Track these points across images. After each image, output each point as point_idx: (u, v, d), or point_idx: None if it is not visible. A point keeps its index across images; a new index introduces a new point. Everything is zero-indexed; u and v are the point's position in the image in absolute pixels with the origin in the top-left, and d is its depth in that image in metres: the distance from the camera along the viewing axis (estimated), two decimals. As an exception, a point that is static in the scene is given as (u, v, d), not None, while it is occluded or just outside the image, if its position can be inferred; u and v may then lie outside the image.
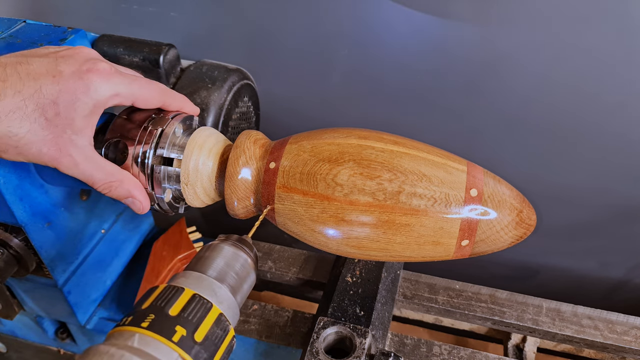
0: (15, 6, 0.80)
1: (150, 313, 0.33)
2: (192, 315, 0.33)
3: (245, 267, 0.40)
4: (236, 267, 0.39)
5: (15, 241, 0.53)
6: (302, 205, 0.43)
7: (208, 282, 0.36)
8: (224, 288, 0.37)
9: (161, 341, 0.31)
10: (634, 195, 0.75)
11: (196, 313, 0.33)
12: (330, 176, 0.42)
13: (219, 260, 0.38)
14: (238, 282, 0.38)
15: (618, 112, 0.67)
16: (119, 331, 0.32)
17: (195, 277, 0.36)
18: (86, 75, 0.38)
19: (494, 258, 0.91)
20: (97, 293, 0.68)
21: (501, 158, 0.76)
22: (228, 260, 0.39)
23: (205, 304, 0.34)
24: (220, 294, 0.36)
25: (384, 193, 0.41)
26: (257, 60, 0.76)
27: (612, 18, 0.59)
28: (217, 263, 0.38)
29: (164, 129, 0.45)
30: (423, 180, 0.41)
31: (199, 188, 0.47)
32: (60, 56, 0.39)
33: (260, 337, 0.62)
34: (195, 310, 0.33)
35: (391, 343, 0.61)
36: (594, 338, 0.62)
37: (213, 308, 0.34)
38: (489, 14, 0.63)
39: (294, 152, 0.44)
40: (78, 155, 0.40)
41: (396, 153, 0.43)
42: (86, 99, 0.38)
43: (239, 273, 0.39)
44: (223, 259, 0.39)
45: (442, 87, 0.71)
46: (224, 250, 0.39)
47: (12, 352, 0.80)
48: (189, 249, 0.72)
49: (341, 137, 0.44)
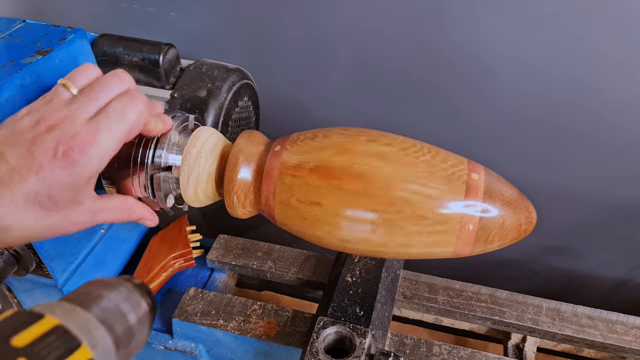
0: (15, 6, 0.80)
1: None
2: (47, 351, 0.25)
3: (142, 317, 0.32)
4: (131, 314, 0.31)
5: (15, 241, 0.53)
6: (304, 184, 0.43)
7: (83, 317, 0.28)
8: (103, 330, 0.29)
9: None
10: (634, 195, 0.75)
11: (54, 349, 0.25)
12: (335, 158, 0.43)
13: (110, 300, 0.31)
14: (127, 334, 0.31)
15: (618, 111, 0.67)
16: None
17: (68, 308, 0.29)
18: (67, 159, 0.36)
19: (494, 258, 0.91)
20: (96, 293, 0.68)
21: (501, 158, 0.76)
22: (122, 301, 0.31)
23: (70, 340, 0.26)
24: (97, 334, 0.28)
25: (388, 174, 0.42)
26: (257, 60, 0.76)
27: (612, 17, 0.59)
28: (106, 302, 0.30)
29: (159, 137, 0.45)
30: (423, 178, 0.41)
31: (199, 189, 0.47)
32: (32, 143, 0.35)
33: (260, 337, 0.62)
34: (55, 344, 0.25)
35: (391, 343, 0.61)
36: (594, 338, 0.62)
37: (82, 348, 0.26)
38: (489, 13, 0.63)
39: (300, 140, 0.45)
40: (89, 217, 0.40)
41: (397, 151, 0.43)
42: (77, 179, 0.37)
43: (130, 323, 0.31)
44: (116, 298, 0.31)
45: (442, 87, 0.71)
46: (122, 287, 0.32)
47: (12, 352, 0.79)
48: (184, 248, 0.71)
49: (347, 136, 0.45)
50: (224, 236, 0.76)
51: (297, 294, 1.11)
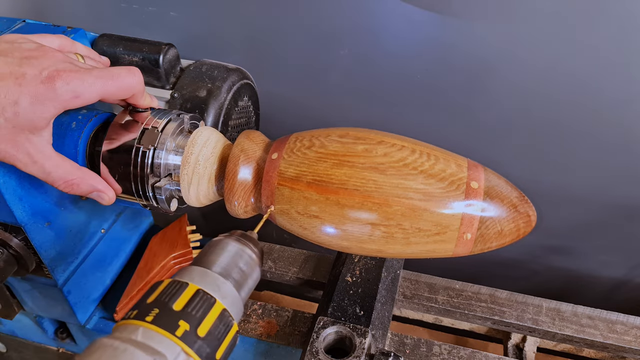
0: (15, 6, 0.80)
1: (154, 307, 0.33)
2: (196, 311, 0.33)
3: (250, 263, 0.40)
4: (241, 263, 0.39)
5: (15, 241, 0.53)
6: (303, 197, 0.43)
7: (212, 278, 0.37)
8: (228, 284, 0.37)
9: (165, 335, 0.31)
10: (634, 194, 0.75)
11: (200, 308, 0.34)
12: (332, 172, 0.42)
13: (224, 256, 0.39)
14: (242, 277, 0.39)
15: (618, 111, 0.67)
16: (124, 325, 0.33)
17: (200, 272, 0.37)
18: (47, 79, 0.38)
19: (494, 258, 0.91)
20: (97, 293, 0.68)
21: (501, 157, 0.76)
22: (233, 256, 0.39)
23: (208, 299, 0.35)
24: (224, 289, 0.36)
25: (385, 188, 0.41)
26: (257, 60, 0.76)
27: (613, 17, 0.59)
28: (221, 259, 0.38)
29: (155, 146, 0.45)
30: (421, 191, 0.41)
31: (200, 192, 0.47)
32: (25, 57, 0.39)
33: (260, 337, 0.62)
34: (199, 305, 0.34)
35: (391, 343, 0.61)
36: (594, 338, 0.62)
37: (216, 303, 0.35)
38: (489, 12, 0.63)
39: (296, 148, 0.45)
40: (36, 154, 0.41)
41: (398, 148, 0.43)
42: (46, 103, 0.39)
43: (243, 269, 0.39)
44: (228, 255, 0.39)
45: (442, 86, 0.71)
46: (229, 245, 0.40)
47: (12, 351, 0.80)
48: (184, 248, 0.71)
49: (345, 136, 0.44)
50: (224, 236, 0.76)
51: (297, 293, 1.11)
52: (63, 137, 0.48)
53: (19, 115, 0.38)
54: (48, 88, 0.38)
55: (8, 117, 0.38)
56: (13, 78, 0.38)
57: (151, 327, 0.32)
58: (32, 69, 0.39)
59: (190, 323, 0.33)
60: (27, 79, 0.38)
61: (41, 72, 0.39)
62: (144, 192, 0.46)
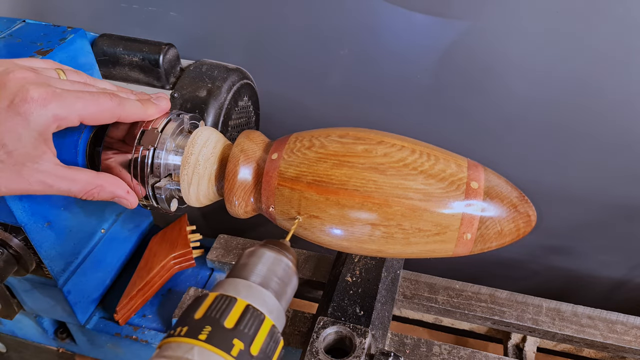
0: (15, 6, 0.80)
1: (205, 324, 0.32)
2: (248, 328, 0.32)
3: (288, 271, 0.39)
4: (279, 272, 0.38)
5: (15, 241, 0.53)
6: (303, 198, 0.43)
7: (258, 291, 0.36)
8: (271, 295, 0.36)
9: (221, 355, 0.30)
10: (634, 195, 0.75)
11: (251, 325, 0.33)
12: (332, 172, 0.42)
13: (261, 266, 0.38)
14: (282, 287, 0.38)
15: (618, 111, 0.67)
16: (175, 342, 0.31)
17: (245, 285, 0.36)
18: (21, 108, 0.36)
19: (494, 258, 0.91)
20: (96, 293, 0.68)
21: (501, 157, 0.76)
22: (270, 265, 0.38)
23: (258, 315, 0.34)
24: (270, 303, 0.36)
25: (385, 188, 0.41)
26: (257, 60, 0.76)
27: (612, 17, 0.59)
28: (259, 269, 0.38)
29: (155, 146, 0.45)
30: (421, 191, 0.41)
31: (200, 192, 0.47)
32: None
33: (260, 337, 0.62)
34: (250, 322, 0.33)
35: (391, 343, 0.61)
36: (594, 338, 0.62)
37: (266, 320, 0.34)
38: (489, 13, 0.63)
39: (296, 149, 0.45)
40: (48, 179, 0.39)
41: (398, 148, 0.43)
42: (29, 132, 0.37)
43: (282, 278, 0.38)
44: (265, 265, 0.38)
45: (442, 86, 0.71)
46: (265, 255, 0.39)
47: (12, 352, 0.80)
48: (184, 248, 0.72)
49: (345, 136, 0.44)
50: (224, 236, 0.76)
51: (297, 293, 1.10)
52: (63, 138, 0.48)
53: (13, 153, 0.37)
54: (24, 118, 0.36)
55: (3, 160, 0.37)
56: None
57: (207, 346, 0.30)
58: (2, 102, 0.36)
59: (244, 341, 0.31)
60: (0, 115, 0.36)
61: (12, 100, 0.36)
62: None
